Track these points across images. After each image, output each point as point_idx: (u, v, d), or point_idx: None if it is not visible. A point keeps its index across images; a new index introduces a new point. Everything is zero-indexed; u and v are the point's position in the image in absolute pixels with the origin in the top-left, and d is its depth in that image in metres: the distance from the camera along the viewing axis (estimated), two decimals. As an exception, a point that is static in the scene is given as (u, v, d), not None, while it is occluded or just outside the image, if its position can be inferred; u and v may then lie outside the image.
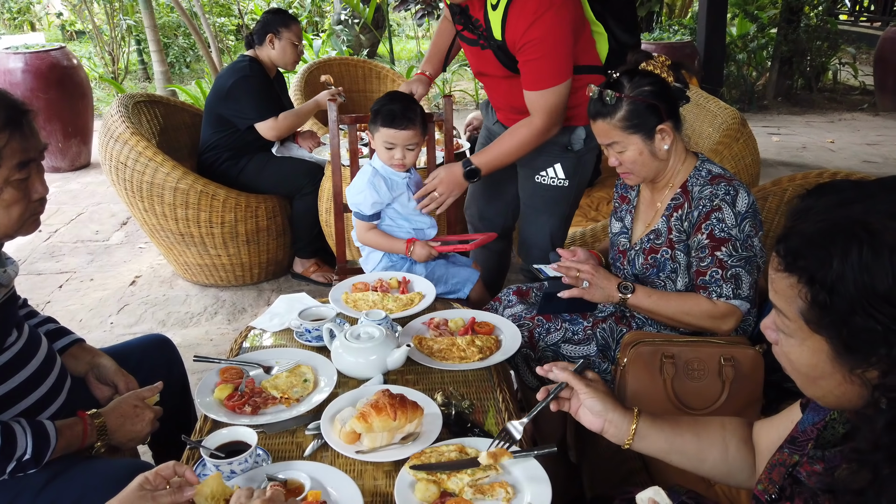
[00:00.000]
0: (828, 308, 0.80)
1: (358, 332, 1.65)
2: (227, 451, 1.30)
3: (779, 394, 1.77)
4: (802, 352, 0.87)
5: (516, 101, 2.28)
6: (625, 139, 1.79)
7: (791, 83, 7.56)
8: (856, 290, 0.77)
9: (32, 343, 1.51)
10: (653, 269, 1.87)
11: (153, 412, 1.57)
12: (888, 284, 0.75)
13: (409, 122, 2.21)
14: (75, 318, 3.33)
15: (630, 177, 1.87)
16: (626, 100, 1.76)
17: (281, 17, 3.51)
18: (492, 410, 1.52)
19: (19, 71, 5.30)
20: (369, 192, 2.25)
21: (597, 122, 1.82)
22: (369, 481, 1.30)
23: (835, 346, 0.82)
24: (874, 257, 0.76)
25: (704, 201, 1.76)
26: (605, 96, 1.77)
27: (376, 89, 4.74)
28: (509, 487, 1.24)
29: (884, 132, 6.33)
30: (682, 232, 1.83)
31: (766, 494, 1.01)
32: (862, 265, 0.77)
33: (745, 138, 2.93)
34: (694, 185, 1.82)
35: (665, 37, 6.37)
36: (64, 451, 1.42)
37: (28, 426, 1.36)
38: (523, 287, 2.14)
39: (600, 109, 1.79)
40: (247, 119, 3.40)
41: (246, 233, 3.42)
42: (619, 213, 2.05)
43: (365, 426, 1.31)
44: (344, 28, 8.89)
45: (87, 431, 1.46)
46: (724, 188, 1.74)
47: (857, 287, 0.77)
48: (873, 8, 11.00)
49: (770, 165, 5.38)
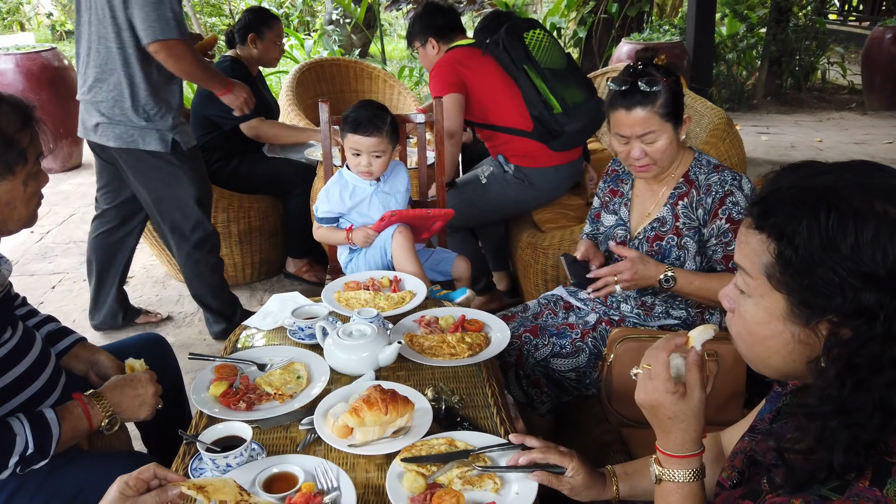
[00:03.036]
0: (791, 262, 0.85)
1: (350, 329, 1.68)
2: (222, 446, 1.33)
3: (763, 388, 1.81)
4: (758, 311, 0.92)
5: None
6: (661, 127, 1.79)
7: (780, 83, 7.63)
8: (820, 246, 0.83)
9: (26, 341, 1.52)
10: (657, 255, 1.90)
11: (148, 374, 1.60)
12: (850, 243, 0.81)
13: (374, 130, 2.22)
14: (69, 319, 3.34)
15: (650, 169, 1.85)
16: (666, 87, 1.76)
17: (262, 16, 3.51)
18: (481, 405, 1.56)
19: (10, 72, 5.30)
20: (323, 198, 2.35)
21: (633, 111, 1.78)
22: (361, 474, 1.33)
23: (791, 302, 0.87)
24: (839, 219, 0.82)
25: (715, 188, 1.82)
26: (640, 84, 1.76)
27: (368, 90, 4.76)
28: (497, 478, 1.27)
29: (871, 131, 6.40)
30: (692, 219, 1.87)
31: (729, 480, 1.06)
32: (829, 225, 0.82)
33: (732, 138, 2.97)
34: (698, 174, 1.87)
35: (655, 37, 6.42)
36: (73, 439, 1.44)
37: (25, 419, 1.38)
38: (507, 313, 2.14)
39: (640, 98, 1.77)
40: (231, 120, 3.40)
41: (238, 233, 3.44)
42: (610, 206, 2.07)
43: (357, 421, 1.35)
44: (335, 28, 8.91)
45: (88, 412, 1.47)
46: (729, 175, 1.83)
47: (822, 243, 0.82)
48: (862, 7, 11.09)
49: (759, 164, 5.44)
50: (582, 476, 1.27)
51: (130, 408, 1.54)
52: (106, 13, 2.57)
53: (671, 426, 1.05)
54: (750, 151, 5.67)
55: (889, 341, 0.81)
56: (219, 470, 1.30)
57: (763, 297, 0.90)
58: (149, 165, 2.73)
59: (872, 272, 0.81)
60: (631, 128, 1.80)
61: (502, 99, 2.94)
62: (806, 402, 0.88)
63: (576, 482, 1.27)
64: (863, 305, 0.81)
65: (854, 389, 0.82)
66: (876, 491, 0.79)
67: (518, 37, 2.87)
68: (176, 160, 2.74)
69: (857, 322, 0.82)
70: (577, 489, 1.27)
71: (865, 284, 0.81)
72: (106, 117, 2.66)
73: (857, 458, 0.81)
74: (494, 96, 2.95)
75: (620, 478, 1.30)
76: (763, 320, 0.91)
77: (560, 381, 1.96)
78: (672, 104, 1.79)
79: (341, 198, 2.34)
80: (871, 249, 0.80)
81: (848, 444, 0.81)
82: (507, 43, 2.87)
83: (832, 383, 0.84)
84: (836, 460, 0.81)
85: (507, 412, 1.55)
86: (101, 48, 2.62)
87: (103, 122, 2.68)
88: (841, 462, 0.81)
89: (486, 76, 2.95)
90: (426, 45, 3.13)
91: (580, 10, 7.51)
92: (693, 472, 1.05)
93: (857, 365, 0.82)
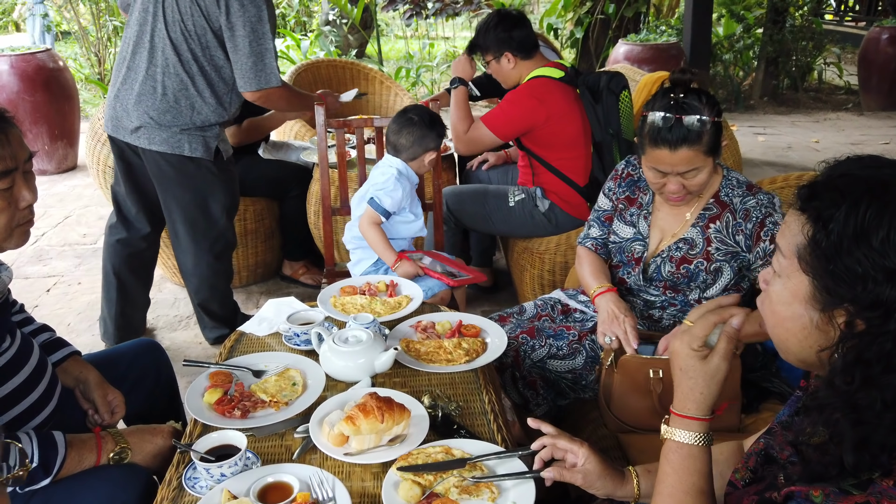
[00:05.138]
0: (822, 246, 0.86)
1: (346, 335, 1.67)
2: (217, 455, 1.32)
3: (759, 392, 1.81)
4: (784, 291, 0.93)
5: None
6: (704, 163, 1.72)
7: (777, 83, 7.64)
8: (853, 234, 0.83)
9: (25, 349, 1.51)
10: (684, 278, 1.86)
11: (170, 428, 1.58)
12: (882, 237, 0.82)
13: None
14: (63, 322, 3.33)
15: (686, 198, 1.80)
16: (711, 123, 1.68)
17: None
18: (478, 412, 1.55)
19: (5, 73, 5.26)
20: (398, 189, 2.34)
21: (678, 152, 1.69)
22: (357, 483, 1.32)
23: (815, 286, 0.88)
24: (878, 212, 0.83)
25: (754, 212, 1.78)
26: (687, 121, 1.66)
27: (365, 91, 4.75)
28: (494, 487, 1.26)
29: (868, 132, 6.41)
30: (728, 245, 1.81)
31: (742, 480, 1.06)
32: (866, 216, 0.83)
33: (727, 140, 2.95)
34: (732, 196, 1.82)
35: (651, 38, 6.42)
36: (79, 465, 1.41)
37: (34, 434, 1.35)
38: (504, 314, 2.13)
39: (686, 136, 1.67)
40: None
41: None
42: (626, 216, 1.99)
43: (353, 429, 1.33)
44: (332, 28, 8.89)
45: (99, 442, 1.45)
46: (764, 197, 1.79)
47: (855, 232, 0.83)
48: (858, 8, 11.11)
49: (756, 165, 5.44)
50: (594, 464, 1.25)
51: (144, 451, 1.51)
52: (176, 21, 2.51)
53: (681, 379, 1.06)
54: (747, 152, 5.68)
55: None
56: (213, 480, 1.29)
57: (790, 277, 0.91)
58: (188, 171, 2.68)
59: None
60: (673, 166, 1.72)
61: (572, 149, 2.82)
62: (816, 394, 0.89)
63: (588, 469, 1.25)
64: (881, 299, 0.82)
65: (863, 385, 0.82)
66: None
67: (618, 98, 2.74)
68: (216, 168, 2.71)
69: (872, 314, 0.82)
70: (591, 478, 1.26)
71: (888, 279, 0.81)
72: (154, 121, 2.59)
73: (870, 459, 0.81)
74: (566, 141, 2.81)
75: (642, 475, 1.28)
76: (786, 301, 0.92)
77: (557, 382, 1.95)
78: (715, 137, 1.70)
79: (411, 190, 2.42)
80: None
81: (857, 443, 0.81)
82: (606, 101, 2.74)
83: (842, 376, 0.84)
84: (847, 459, 0.81)
85: (505, 418, 1.54)
86: (162, 54, 2.55)
87: (149, 125, 2.59)
88: (851, 461, 0.81)
89: (568, 120, 2.79)
90: (501, 59, 2.87)
91: (577, 10, 7.52)
92: (696, 435, 1.05)
93: (867, 360, 0.82)
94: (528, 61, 2.84)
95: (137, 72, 2.60)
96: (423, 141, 2.35)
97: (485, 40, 2.88)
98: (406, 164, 2.40)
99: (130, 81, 2.62)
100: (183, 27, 2.53)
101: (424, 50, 9.31)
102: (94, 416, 1.62)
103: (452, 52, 9.21)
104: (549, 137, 2.80)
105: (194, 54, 2.55)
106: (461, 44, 10.57)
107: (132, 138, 2.65)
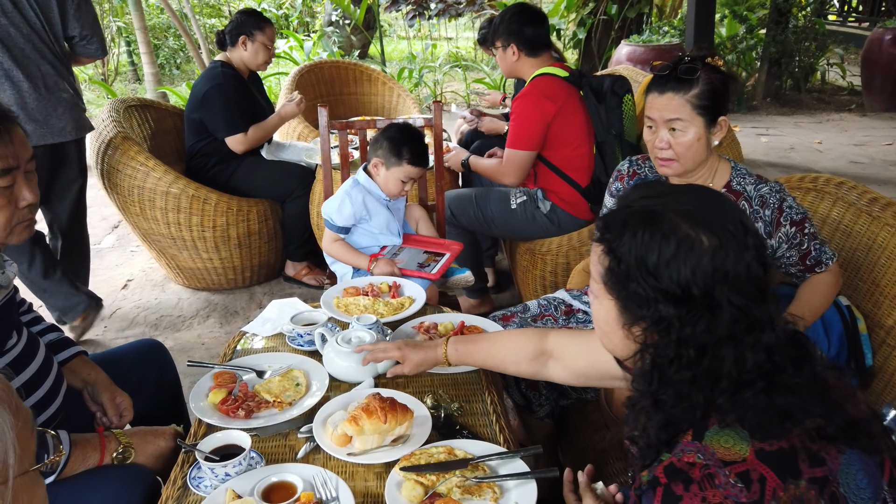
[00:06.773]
0: (615, 273, 1.00)
1: (349, 336, 1.68)
2: (221, 455, 1.33)
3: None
4: (600, 309, 1.08)
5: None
6: (690, 119, 1.74)
7: (780, 84, 7.63)
8: (634, 262, 0.97)
9: (31, 347, 1.52)
10: None
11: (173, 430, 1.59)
12: (654, 261, 0.95)
13: (426, 160, 2.32)
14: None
15: (672, 165, 1.81)
16: (705, 78, 1.71)
17: (254, 18, 3.45)
18: (480, 412, 1.55)
19: None
20: (345, 204, 2.30)
21: (664, 94, 1.74)
22: (360, 483, 1.33)
23: (619, 307, 1.02)
24: (650, 237, 0.96)
25: (770, 199, 1.78)
26: (681, 70, 1.71)
27: (367, 91, 4.76)
28: (496, 487, 1.27)
29: (871, 133, 6.40)
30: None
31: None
32: (642, 242, 0.96)
33: (729, 141, 2.97)
34: (744, 185, 1.82)
35: (654, 39, 6.42)
36: (81, 465, 1.42)
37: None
38: (507, 313, 2.13)
39: (674, 84, 1.73)
40: (217, 131, 3.39)
41: (237, 236, 3.44)
42: None
43: (356, 429, 1.34)
44: (335, 29, 8.92)
45: (104, 442, 1.45)
46: (772, 184, 1.82)
47: (635, 259, 0.97)
48: (861, 8, 11.10)
49: (758, 166, 5.43)
50: (409, 347, 1.56)
51: (146, 452, 1.52)
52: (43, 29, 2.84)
53: None
54: (749, 153, 5.68)
55: (682, 346, 0.95)
56: (217, 479, 1.30)
57: (602, 299, 1.06)
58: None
59: (668, 289, 0.95)
60: (660, 111, 1.76)
61: (575, 149, 2.82)
62: (630, 395, 1.06)
63: (407, 354, 1.55)
64: (662, 316, 0.96)
65: (660, 385, 0.98)
66: (696, 443, 0.94)
67: (621, 99, 2.75)
68: None
69: (659, 329, 0.97)
70: (412, 357, 1.55)
71: (665, 299, 0.95)
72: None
73: (672, 434, 0.97)
74: (569, 141, 2.80)
75: (452, 343, 1.56)
76: (604, 318, 1.07)
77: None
78: (708, 98, 1.72)
79: (365, 207, 2.32)
80: (669, 268, 0.94)
81: (662, 425, 0.98)
82: (609, 102, 2.75)
83: (644, 379, 1.01)
84: (654, 436, 0.99)
85: (507, 419, 1.55)
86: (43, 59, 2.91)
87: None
88: (656, 437, 0.98)
89: (572, 121, 2.79)
90: (507, 49, 2.87)
91: (579, 11, 7.52)
92: None
93: (660, 364, 0.98)
94: (532, 59, 2.85)
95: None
96: (388, 160, 2.29)
97: (498, 26, 2.91)
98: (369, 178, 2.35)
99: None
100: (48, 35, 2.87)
101: (427, 51, 9.32)
102: (101, 418, 1.62)
103: (455, 53, 9.22)
104: (553, 136, 2.80)
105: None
106: (464, 44, 10.59)
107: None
